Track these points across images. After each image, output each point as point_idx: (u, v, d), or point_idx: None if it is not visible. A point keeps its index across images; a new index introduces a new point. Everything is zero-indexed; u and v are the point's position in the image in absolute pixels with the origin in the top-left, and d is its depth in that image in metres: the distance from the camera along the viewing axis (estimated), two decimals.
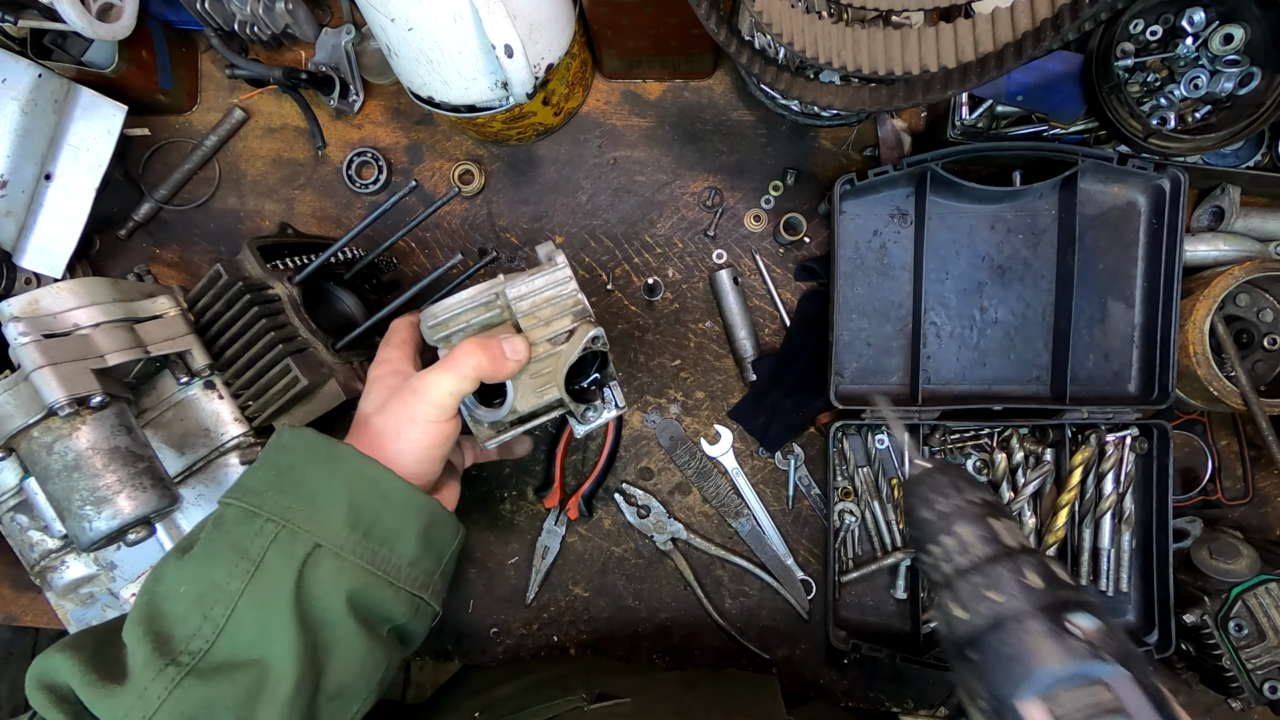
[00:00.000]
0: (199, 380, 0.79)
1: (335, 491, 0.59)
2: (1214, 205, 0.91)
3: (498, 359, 0.63)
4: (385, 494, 0.61)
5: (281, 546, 0.57)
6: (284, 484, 0.60)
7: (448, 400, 0.62)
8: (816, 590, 0.98)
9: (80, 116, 0.91)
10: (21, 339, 0.65)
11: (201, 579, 0.57)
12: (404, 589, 0.61)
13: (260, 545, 0.57)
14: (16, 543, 0.84)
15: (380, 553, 0.60)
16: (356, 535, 0.59)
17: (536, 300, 0.66)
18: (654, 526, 0.99)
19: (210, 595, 0.56)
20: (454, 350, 0.63)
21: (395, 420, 0.63)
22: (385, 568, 0.60)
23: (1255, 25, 0.76)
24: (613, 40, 0.91)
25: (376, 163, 1.02)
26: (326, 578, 0.58)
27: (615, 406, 0.72)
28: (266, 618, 0.56)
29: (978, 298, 0.92)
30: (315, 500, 0.59)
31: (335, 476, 0.60)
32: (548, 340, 0.66)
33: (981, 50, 0.55)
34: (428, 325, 0.67)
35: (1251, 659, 0.85)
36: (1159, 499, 0.88)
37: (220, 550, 0.58)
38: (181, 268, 1.05)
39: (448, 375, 0.62)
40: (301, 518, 0.58)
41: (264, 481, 0.61)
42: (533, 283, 0.66)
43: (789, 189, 0.98)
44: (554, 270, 0.67)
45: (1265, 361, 0.90)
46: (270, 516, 0.58)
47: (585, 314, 0.67)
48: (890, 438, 0.94)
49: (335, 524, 0.58)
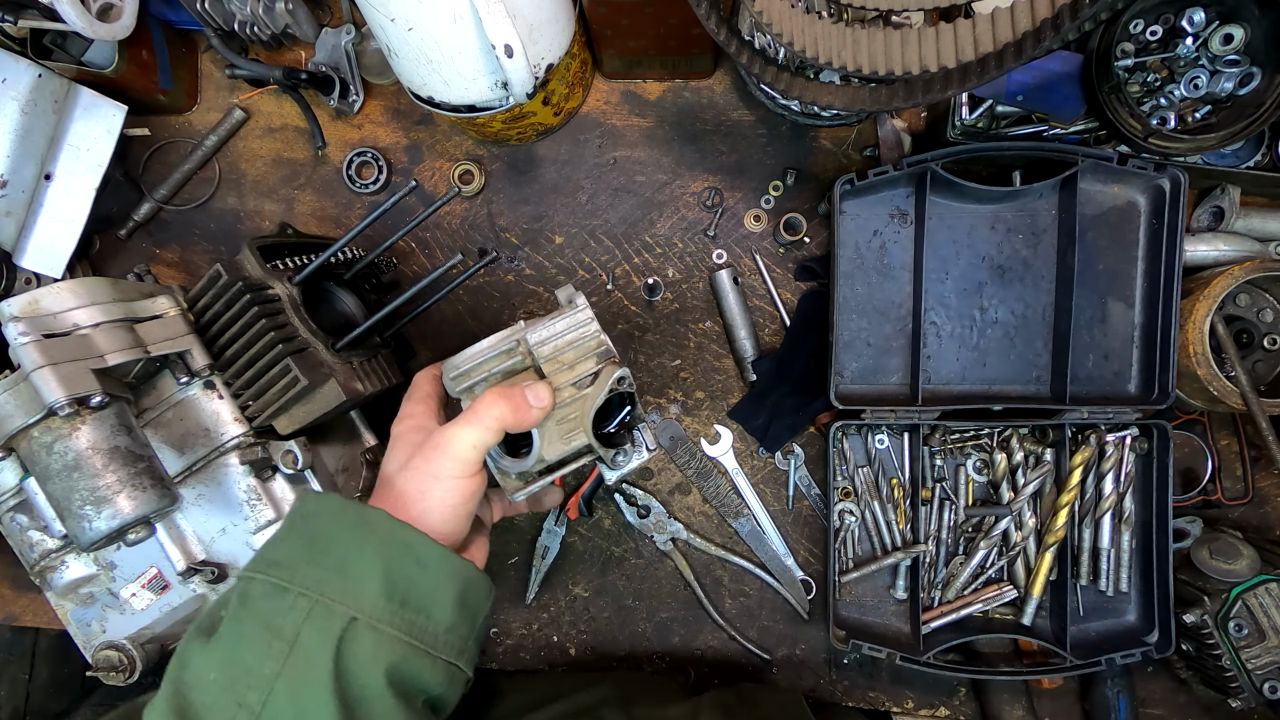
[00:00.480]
0: (199, 380, 0.79)
1: (368, 559, 0.56)
2: (1214, 205, 0.91)
3: (521, 407, 0.61)
4: (420, 559, 0.58)
5: (316, 622, 0.54)
6: (313, 554, 0.57)
7: (471, 454, 0.60)
8: (816, 590, 0.98)
9: (80, 116, 0.91)
10: (21, 339, 0.65)
11: (233, 664, 0.54)
12: (441, 658, 0.59)
13: (294, 622, 0.54)
14: (16, 543, 0.84)
15: (417, 621, 0.57)
16: (393, 605, 0.56)
17: (559, 344, 0.65)
18: (654, 526, 0.99)
19: (243, 681, 0.53)
20: (476, 401, 0.61)
21: (420, 478, 0.60)
22: (423, 637, 0.57)
23: (1255, 25, 0.76)
24: (613, 40, 0.91)
25: (376, 163, 1.02)
26: (364, 652, 0.55)
27: (646, 449, 0.70)
28: (305, 701, 0.53)
29: (978, 298, 0.91)
30: (348, 570, 0.56)
31: (368, 543, 0.57)
32: (572, 384, 0.64)
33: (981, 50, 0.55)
34: (449, 376, 0.66)
35: (1251, 659, 0.85)
36: (1159, 499, 0.88)
37: (250, 630, 0.54)
38: (181, 268, 1.05)
39: (470, 428, 0.60)
40: (335, 590, 0.55)
41: (291, 553, 0.58)
42: (554, 326, 0.64)
43: (789, 189, 0.98)
44: (575, 312, 0.65)
45: (1265, 361, 0.90)
46: (302, 590, 0.55)
47: (609, 355, 0.65)
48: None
49: (371, 594, 0.55)
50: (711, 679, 0.99)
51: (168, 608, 0.83)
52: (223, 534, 0.81)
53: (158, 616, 0.83)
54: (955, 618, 0.92)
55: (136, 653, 0.84)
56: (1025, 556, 0.93)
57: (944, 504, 0.94)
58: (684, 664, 1.00)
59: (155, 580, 0.83)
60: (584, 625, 1.01)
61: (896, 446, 0.95)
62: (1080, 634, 0.90)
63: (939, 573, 0.93)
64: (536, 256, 1.02)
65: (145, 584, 0.83)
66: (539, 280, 1.01)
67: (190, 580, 0.81)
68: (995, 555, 0.93)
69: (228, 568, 0.82)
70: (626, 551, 1.01)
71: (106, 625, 0.85)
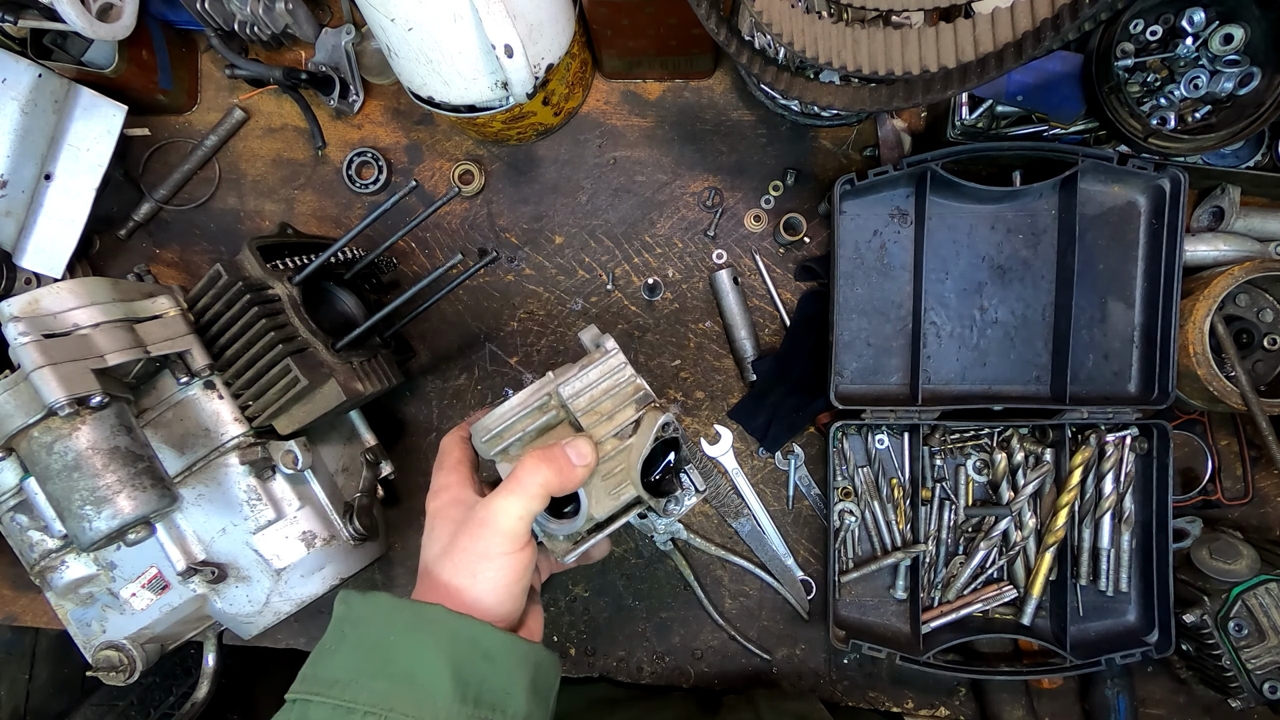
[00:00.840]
0: (199, 380, 0.79)
1: (434, 663, 0.52)
2: (1214, 205, 0.91)
3: (565, 469, 0.57)
4: (487, 652, 0.54)
5: None
6: (374, 666, 0.53)
7: (519, 526, 0.56)
8: (816, 590, 0.98)
9: (80, 116, 0.91)
10: (21, 339, 0.65)
11: None
12: None
13: None
14: (16, 543, 0.84)
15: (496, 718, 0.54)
16: (468, 708, 0.52)
17: (594, 394, 0.62)
18: (654, 526, 0.99)
19: None
20: (516, 469, 0.57)
21: (468, 561, 0.56)
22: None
23: (1255, 25, 0.76)
24: (613, 40, 0.91)
25: (376, 163, 1.02)
26: None
27: (695, 491, 0.66)
28: None
29: (978, 298, 0.91)
30: (415, 679, 0.52)
31: (430, 645, 0.53)
32: (614, 435, 0.61)
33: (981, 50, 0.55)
34: (481, 440, 0.62)
35: (1251, 659, 0.85)
36: (1159, 499, 0.88)
37: None
38: (181, 268, 1.05)
39: (515, 498, 0.56)
40: (405, 702, 0.51)
41: (349, 667, 0.53)
42: (586, 376, 0.61)
43: (789, 189, 0.98)
44: (607, 358, 0.62)
45: (1265, 361, 0.90)
46: (369, 709, 0.51)
47: (649, 400, 0.62)
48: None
49: (444, 701, 0.51)
50: (711, 679, 0.99)
51: (168, 608, 0.83)
52: (223, 534, 0.81)
53: (158, 616, 0.83)
54: (955, 618, 0.92)
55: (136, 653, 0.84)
56: (1025, 556, 0.93)
57: (944, 504, 0.94)
58: (684, 664, 1.00)
59: (155, 580, 0.83)
60: (584, 625, 1.01)
61: (896, 446, 0.95)
62: (1080, 634, 0.90)
63: (939, 573, 0.93)
64: (536, 256, 1.02)
65: (145, 584, 0.83)
66: (539, 280, 1.01)
67: (190, 580, 0.81)
68: (995, 555, 0.93)
69: (228, 568, 0.82)
70: (626, 551, 1.01)
71: (106, 625, 0.85)
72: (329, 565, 0.83)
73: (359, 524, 0.85)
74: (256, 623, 0.84)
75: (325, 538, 0.82)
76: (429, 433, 1.03)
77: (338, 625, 0.57)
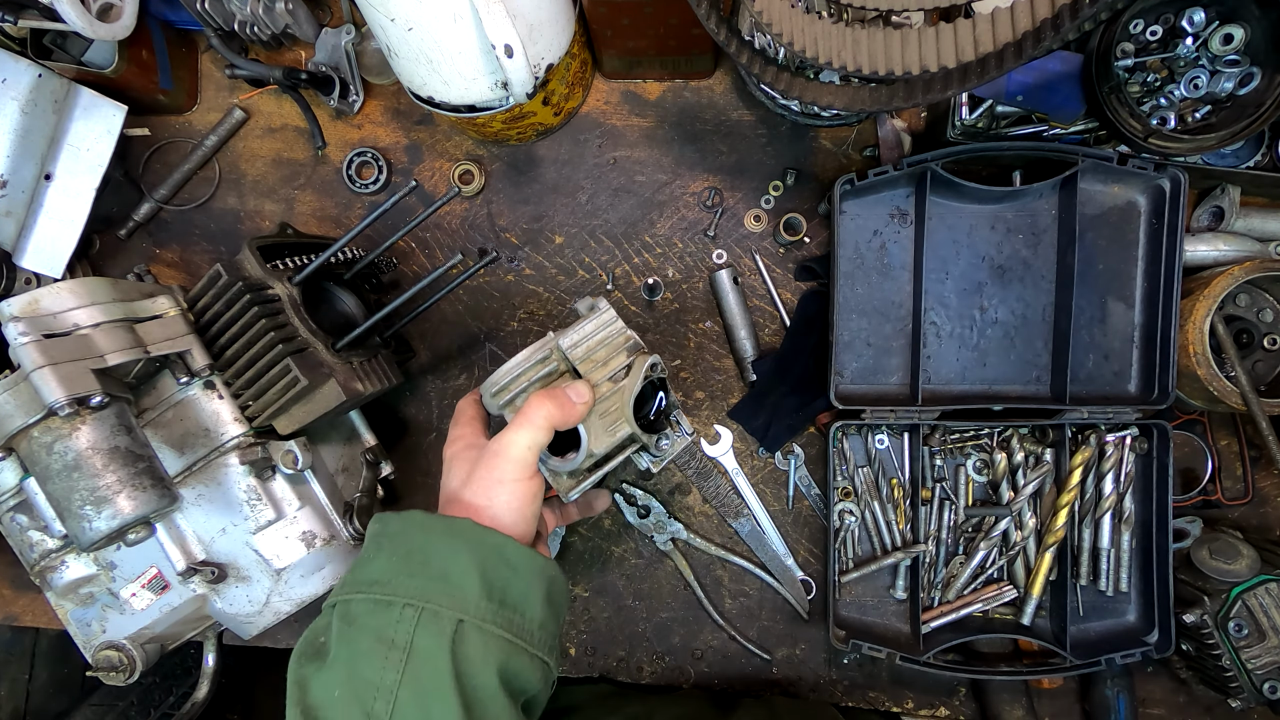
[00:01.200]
0: (199, 380, 0.79)
1: (465, 565, 0.58)
2: (1214, 205, 0.91)
3: (566, 405, 0.64)
4: (509, 561, 0.60)
5: (428, 629, 0.56)
6: (411, 567, 0.59)
7: (528, 455, 0.63)
8: (816, 590, 0.98)
9: (80, 116, 0.91)
10: (21, 339, 0.65)
11: (354, 680, 0.55)
12: (538, 655, 0.61)
13: (406, 631, 0.56)
14: (16, 543, 0.84)
15: (515, 620, 0.60)
16: (494, 605, 0.58)
17: (590, 345, 0.69)
18: (654, 526, 0.99)
19: (368, 694, 0.54)
20: (524, 406, 0.64)
21: (485, 487, 0.64)
22: (522, 634, 0.60)
23: (1255, 25, 0.76)
24: (613, 40, 0.91)
25: (376, 163, 1.02)
26: (475, 653, 0.57)
27: (685, 433, 0.73)
28: (430, 704, 0.55)
29: (978, 298, 0.91)
30: (448, 577, 0.58)
31: (462, 550, 0.59)
32: (609, 379, 0.68)
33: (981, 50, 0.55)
34: (489, 395, 0.69)
35: (1251, 659, 0.85)
36: (1159, 499, 0.88)
37: (365, 646, 0.56)
38: (181, 268, 1.05)
39: (523, 430, 0.63)
40: (439, 596, 0.57)
41: (388, 570, 0.59)
42: (583, 329, 0.69)
43: (789, 189, 0.98)
44: (600, 314, 0.69)
45: (1265, 361, 0.90)
46: (408, 601, 0.57)
47: (639, 348, 0.69)
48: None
49: (473, 597, 0.58)
50: (711, 679, 0.99)
51: (168, 608, 0.83)
52: (223, 534, 0.81)
53: (158, 616, 0.83)
54: (955, 618, 0.92)
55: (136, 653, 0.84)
56: (1025, 556, 0.93)
57: (944, 504, 0.94)
58: (684, 664, 1.00)
59: (155, 580, 0.83)
60: (584, 625, 1.01)
61: (896, 446, 0.95)
62: (1080, 634, 0.90)
63: (939, 573, 0.93)
64: (536, 256, 1.02)
65: (145, 584, 0.83)
66: (539, 280, 1.01)
67: (190, 580, 0.81)
68: (995, 555, 0.93)
69: (228, 568, 0.82)
70: (626, 551, 1.01)
71: (106, 625, 0.85)
72: (329, 565, 0.83)
73: (359, 524, 0.85)
74: (256, 623, 0.84)
75: (325, 538, 0.82)
76: (429, 433, 1.03)
77: (374, 540, 0.64)
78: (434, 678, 0.55)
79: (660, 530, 0.99)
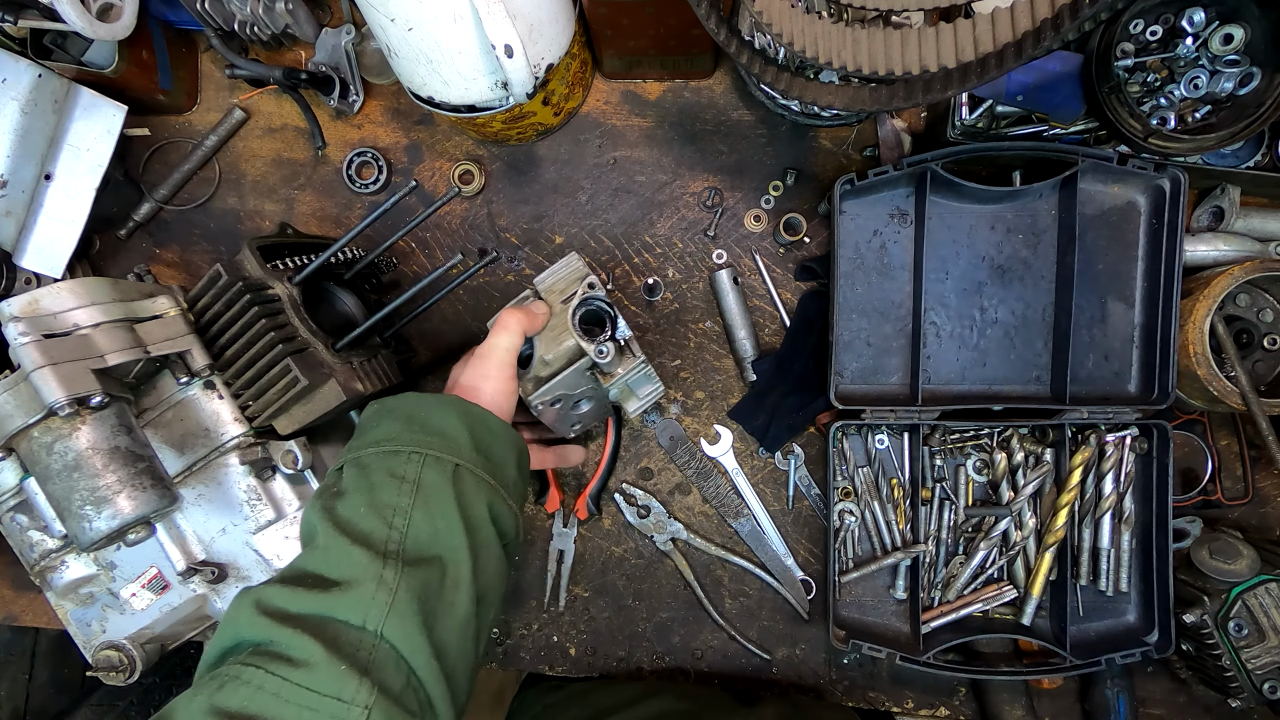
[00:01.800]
0: (199, 380, 0.79)
1: (457, 426, 0.70)
2: (1214, 205, 0.91)
3: (529, 314, 0.78)
4: (491, 428, 0.73)
5: (432, 468, 0.67)
6: (413, 428, 0.70)
7: (505, 355, 0.77)
8: (816, 590, 0.98)
9: (80, 116, 0.91)
10: (21, 339, 0.65)
11: (374, 502, 0.65)
12: (513, 505, 0.73)
13: (414, 470, 0.67)
14: (16, 543, 0.84)
15: (498, 473, 0.72)
16: (481, 457, 0.71)
17: (554, 281, 0.83)
18: (654, 526, 0.99)
19: (385, 512, 0.64)
20: (499, 316, 0.78)
21: (474, 378, 0.77)
22: (504, 484, 0.72)
23: (1255, 25, 0.76)
24: (613, 40, 0.91)
25: (376, 163, 1.02)
26: (470, 490, 0.68)
27: (636, 356, 0.82)
28: (437, 521, 0.65)
29: (978, 298, 0.91)
30: (445, 433, 0.70)
31: (454, 415, 0.71)
32: (562, 302, 0.81)
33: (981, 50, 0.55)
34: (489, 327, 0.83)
35: (1251, 659, 0.85)
36: (1159, 499, 0.88)
37: (379, 480, 0.66)
38: (181, 268, 1.05)
39: (501, 334, 0.77)
40: (439, 446, 0.69)
41: (393, 431, 0.70)
42: (554, 271, 0.84)
43: (789, 189, 0.98)
44: (568, 259, 0.83)
45: (1265, 361, 0.90)
46: (413, 450, 0.68)
47: (587, 277, 0.81)
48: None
49: (466, 448, 0.70)
50: (711, 679, 0.99)
51: (168, 608, 0.83)
52: (223, 534, 0.81)
53: (158, 616, 0.83)
54: (955, 618, 0.92)
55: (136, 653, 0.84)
56: (1025, 556, 0.93)
57: (944, 504, 0.94)
58: (684, 664, 1.00)
59: (155, 580, 0.83)
60: (584, 625, 1.01)
61: (896, 446, 0.95)
62: (1080, 634, 0.90)
63: (939, 573, 0.93)
64: (536, 256, 1.02)
65: (145, 584, 0.83)
66: None
67: (190, 580, 0.81)
68: (995, 555, 0.93)
69: (228, 568, 0.82)
70: (626, 551, 1.01)
71: (106, 625, 0.85)
72: None
73: None
74: None
75: None
76: None
77: (375, 413, 0.74)
78: (439, 502, 0.66)
79: (660, 530, 0.99)
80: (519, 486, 0.76)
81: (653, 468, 1.01)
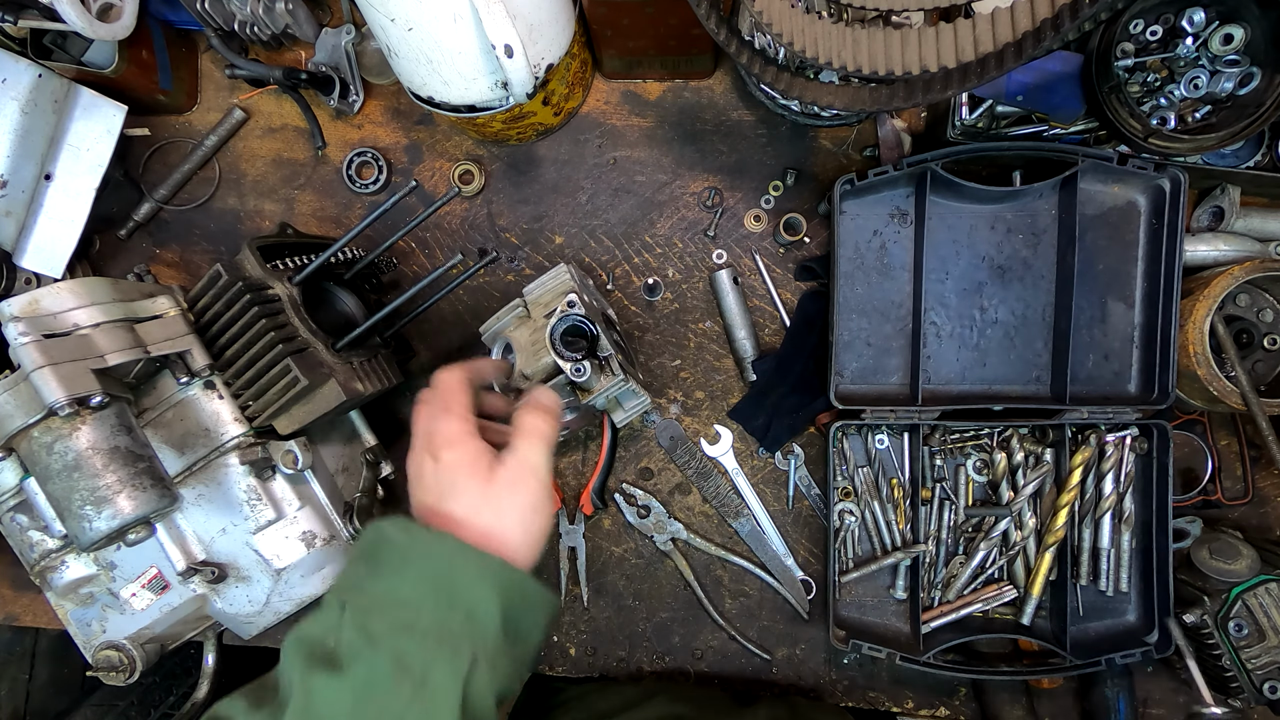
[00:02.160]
0: (199, 380, 0.79)
1: (491, 603, 0.60)
2: (1214, 205, 0.91)
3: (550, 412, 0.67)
4: (527, 597, 0.62)
5: (446, 664, 0.57)
6: (438, 597, 0.60)
7: (549, 475, 0.65)
8: (816, 590, 0.98)
9: (80, 116, 0.91)
10: (21, 339, 0.65)
11: (365, 701, 0.56)
12: (528, 674, 0.66)
13: (423, 661, 0.57)
14: (16, 543, 0.84)
15: (520, 653, 0.62)
16: (508, 643, 0.61)
17: (541, 293, 0.82)
18: (654, 526, 0.99)
19: (375, 717, 0.55)
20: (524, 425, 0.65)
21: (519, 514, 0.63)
22: (524, 662, 0.63)
23: (1255, 25, 0.76)
24: (613, 40, 0.91)
25: (376, 163, 1.02)
26: (482, 684, 0.58)
27: (616, 375, 0.78)
28: None
29: (978, 298, 0.91)
30: (474, 615, 0.59)
31: (490, 590, 0.60)
32: (545, 317, 0.79)
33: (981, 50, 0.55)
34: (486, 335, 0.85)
35: (1251, 659, 0.85)
36: (1159, 499, 0.88)
37: (382, 669, 0.56)
38: (181, 268, 1.05)
39: (542, 447, 0.65)
40: (462, 631, 0.59)
41: (416, 594, 0.60)
42: (542, 282, 0.83)
43: (789, 189, 0.98)
44: (557, 272, 0.82)
45: (1265, 361, 0.90)
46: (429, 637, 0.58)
47: (569, 294, 0.79)
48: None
49: (492, 635, 0.59)
50: (711, 679, 0.99)
51: (168, 608, 0.83)
52: (223, 534, 0.81)
53: (158, 616, 0.83)
54: (955, 618, 0.92)
55: (136, 652, 0.84)
56: (1025, 556, 0.93)
57: (944, 504, 0.94)
58: (684, 664, 1.00)
59: (155, 580, 0.83)
60: (584, 625, 1.01)
61: (896, 446, 0.95)
62: (1080, 634, 0.90)
63: (939, 573, 0.93)
64: (536, 256, 1.02)
65: (145, 584, 0.83)
66: None
67: (190, 580, 0.81)
68: (995, 555, 0.93)
69: (228, 568, 0.82)
70: (626, 551, 1.01)
71: (106, 625, 0.85)
72: (329, 565, 0.83)
73: (359, 524, 0.85)
74: (256, 623, 0.84)
75: (325, 538, 0.82)
76: None
77: (401, 553, 0.62)
78: (443, 712, 0.56)
79: (660, 530, 0.99)
80: (540, 649, 0.66)
81: (653, 468, 1.01)
